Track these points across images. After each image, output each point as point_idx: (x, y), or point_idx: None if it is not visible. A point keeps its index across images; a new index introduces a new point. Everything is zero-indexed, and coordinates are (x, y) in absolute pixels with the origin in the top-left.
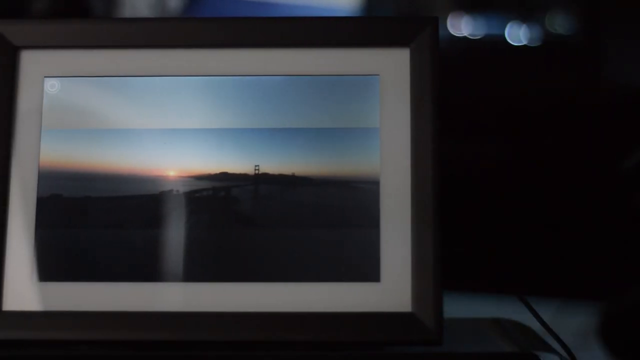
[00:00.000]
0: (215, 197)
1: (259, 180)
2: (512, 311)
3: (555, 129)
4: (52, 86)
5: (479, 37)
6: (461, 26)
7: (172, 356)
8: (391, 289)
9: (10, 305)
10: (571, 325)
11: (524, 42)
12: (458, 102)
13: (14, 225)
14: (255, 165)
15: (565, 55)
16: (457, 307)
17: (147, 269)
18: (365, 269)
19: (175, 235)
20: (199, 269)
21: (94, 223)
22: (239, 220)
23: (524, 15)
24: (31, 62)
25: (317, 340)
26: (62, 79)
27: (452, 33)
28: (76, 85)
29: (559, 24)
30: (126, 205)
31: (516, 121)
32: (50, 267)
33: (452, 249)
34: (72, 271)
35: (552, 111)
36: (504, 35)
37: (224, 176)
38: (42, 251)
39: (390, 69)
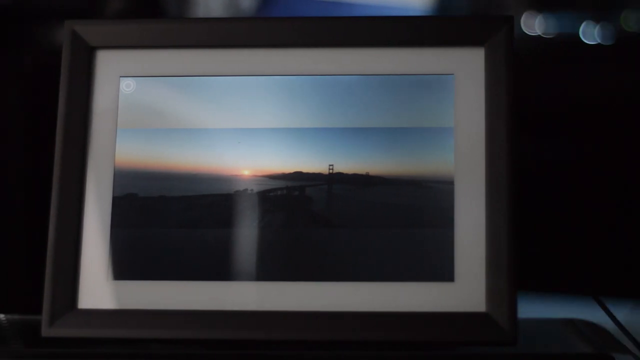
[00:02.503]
0: (289, 197)
1: (333, 179)
2: (587, 311)
3: (630, 129)
4: (127, 86)
5: (552, 36)
6: (535, 25)
7: (245, 355)
8: (465, 289)
9: (85, 303)
10: None
11: (598, 40)
12: (531, 102)
13: (90, 224)
14: (330, 165)
15: None
16: (532, 308)
17: (221, 268)
18: (440, 268)
19: (248, 235)
20: (272, 268)
21: (168, 222)
22: (313, 220)
23: (598, 14)
24: (107, 62)
25: (390, 340)
26: (137, 79)
27: (526, 32)
28: (151, 85)
29: (634, 22)
30: (200, 205)
31: (589, 120)
32: (125, 266)
33: (527, 249)
34: (147, 270)
35: (626, 110)
36: (577, 33)
37: (298, 175)
38: (117, 250)
39: (465, 68)
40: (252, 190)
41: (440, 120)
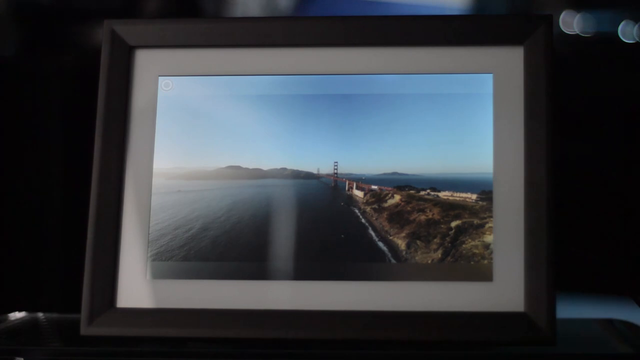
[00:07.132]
0: (325, 195)
1: (369, 180)
2: (625, 312)
3: None
4: (166, 85)
5: (590, 35)
6: (573, 24)
7: (282, 354)
8: (504, 289)
9: (123, 302)
10: None
11: (637, 39)
12: (569, 101)
13: (128, 224)
14: (365, 165)
15: None
16: (570, 308)
17: (257, 268)
18: (478, 268)
19: (285, 234)
20: (307, 267)
21: (206, 221)
22: (350, 219)
23: (638, 13)
24: (146, 62)
25: (429, 339)
26: (176, 78)
27: (564, 30)
28: (190, 84)
29: None
30: (237, 203)
31: (628, 120)
32: (163, 265)
33: (565, 249)
34: (184, 269)
35: None
36: (616, 32)
37: (334, 174)
38: (155, 249)
39: (503, 67)
40: (289, 189)
41: (479, 119)
